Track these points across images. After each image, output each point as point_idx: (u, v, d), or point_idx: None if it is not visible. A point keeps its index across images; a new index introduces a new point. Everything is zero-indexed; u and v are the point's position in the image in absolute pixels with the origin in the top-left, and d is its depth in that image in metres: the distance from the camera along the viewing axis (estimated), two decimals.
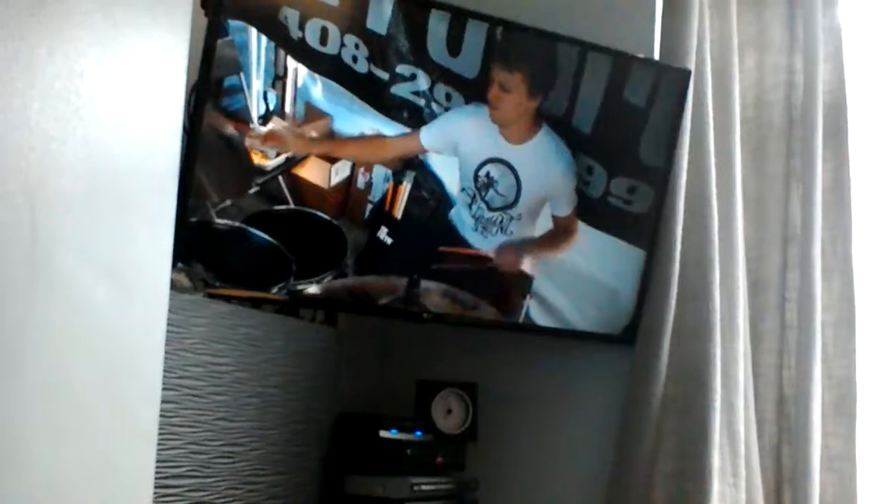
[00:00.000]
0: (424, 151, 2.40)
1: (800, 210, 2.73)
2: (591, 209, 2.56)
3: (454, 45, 2.37)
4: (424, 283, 2.44)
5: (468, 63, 2.39)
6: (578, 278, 2.58)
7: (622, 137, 2.57)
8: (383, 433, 2.41)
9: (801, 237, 2.71)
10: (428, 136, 2.39)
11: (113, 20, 1.36)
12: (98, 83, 1.33)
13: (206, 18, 2.09)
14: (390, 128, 2.36)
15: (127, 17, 1.38)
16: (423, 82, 2.36)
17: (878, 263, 2.80)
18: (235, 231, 2.20)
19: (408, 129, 2.38)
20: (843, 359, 2.71)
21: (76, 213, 1.30)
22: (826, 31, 2.75)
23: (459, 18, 2.37)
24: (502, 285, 2.54)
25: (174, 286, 1.82)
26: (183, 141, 1.56)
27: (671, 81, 2.57)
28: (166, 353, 1.53)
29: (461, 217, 2.46)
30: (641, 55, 2.60)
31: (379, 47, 2.31)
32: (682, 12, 2.64)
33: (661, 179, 2.58)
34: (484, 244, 2.49)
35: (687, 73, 2.58)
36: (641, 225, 2.60)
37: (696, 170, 2.60)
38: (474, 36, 2.38)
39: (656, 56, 2.67)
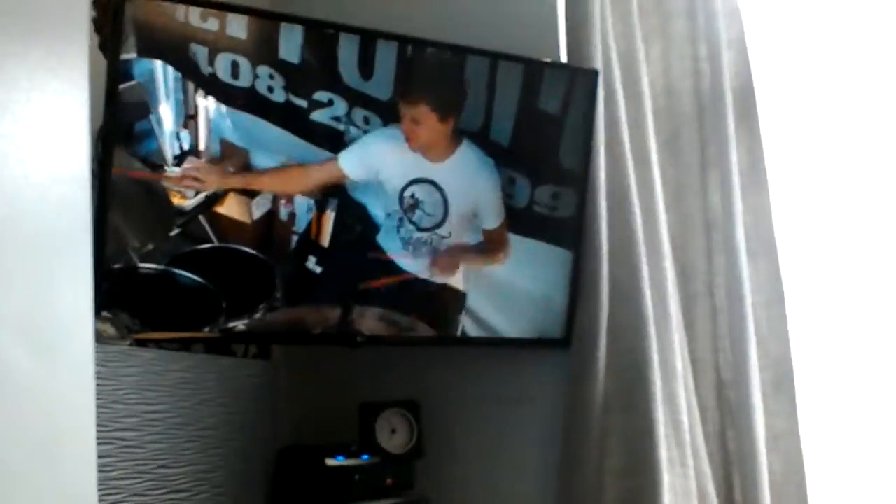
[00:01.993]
0: (345, 178, 2.38)
1: (719, 195, 2.75)
2: (518, 219, 2.55)
3: (366, 68, 2.36)
4: (358, 309, 2.41)
5: (381, 85, 2.38)
6: (510, 290, 2.57)
7: (541, 145, 2.57)
8: (329, 461, 2.38)
9: (722, 222, 2.73)
10: (347, 162, 2.37)
11: (8, 78, 1.33)
12: None
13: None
14: (314, 154, 2.34)
15: (21, 73, 1.35)
16: (340, 107, 2.35)
17: (802, 240, 2.83)
18: (161, 274, 2.17)
19: (330, 155, 2.35)
20: (777, 337, 2.73)
21: None
22: (727, 17, 2.77)
23: (368, 40, 2.36)
24: (437, 304, 2.53)
25: (99, 337, 1.79)
26: (94, 188, 1.53)
27: (582, 83, 2.57)
28: (98, 406, 1.50)
29: (389, 240, 2.45)
30: (548, 59, 2.60)
31: (294, 76, 2.29)
32: (583, 12, 2.64)
33: (582, 181, 2.58)
34: (415, 266, 2.48)
35: (594, 73, 2.59)
36: (568, 229, 2.60)
37: (614, 166, 2.61)
38: (385, 57, 2.37)
39: (563, 59, 2.67)
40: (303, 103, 2.32)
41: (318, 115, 2.34)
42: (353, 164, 2.37)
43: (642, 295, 2.56)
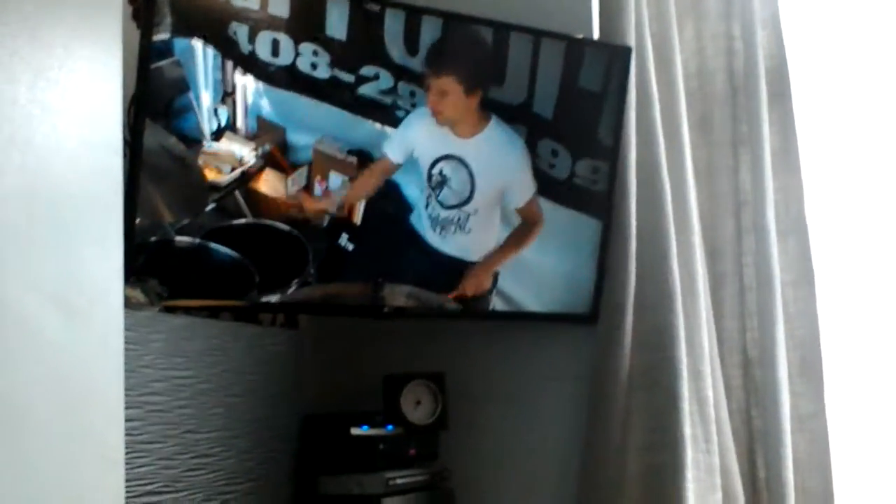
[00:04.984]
0: (396, 166, 2.41)
1: (750, 175, 2.75)
2: (556, 189, 2.56)
3: (411, 43, 2.37)
4: (389, 286, 2.44)
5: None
6: (540, 264, 2.58)
7: (582, 121, 2.56)
8: (354, 430, 2.40)
9: (753, 202, 2.73)
10: (390, 149, 2.40)
11: (41, 43, 1.34)
12: (31, 108, 1.32)
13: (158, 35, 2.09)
14: (360, 127, 2.36)
15: (55, 39, 1.37)
16: (386, 81, 2.36)
17: (833, 221, 2.82)
18: (196, 248, 2.20)
19: (381, 127, 2.38)
20: (805, 317, 2.74)
21: (19, 241, 1.29)
22: None
23: (413, 16, 2.37)
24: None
25: (129, 303, 1.81)
26: (125, 156, 1.55)
27: (618, 61, 2.56)
28: (126, 371, 1.52)
29: (421, 219, 2.47)
30: (581, 35, 2.59)
31: (341, 52, 2.31)
32: None
33: (613, 157, 2.58)
34: (444, 245, 2.49)
35: (628, 51, 2.58)
36: (604, 201, 2.60)
37: (645, 144, 2.60)
38: (429, 33, 2.38)
39: (596, 36, 2.66)
40: (350, 78, 2.34)
41: (366, 89, 2.36)
42: (395, 150, 2.41)
43: (670, 272, 2.55)
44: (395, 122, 2.39)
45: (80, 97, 1.42)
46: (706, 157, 2.79)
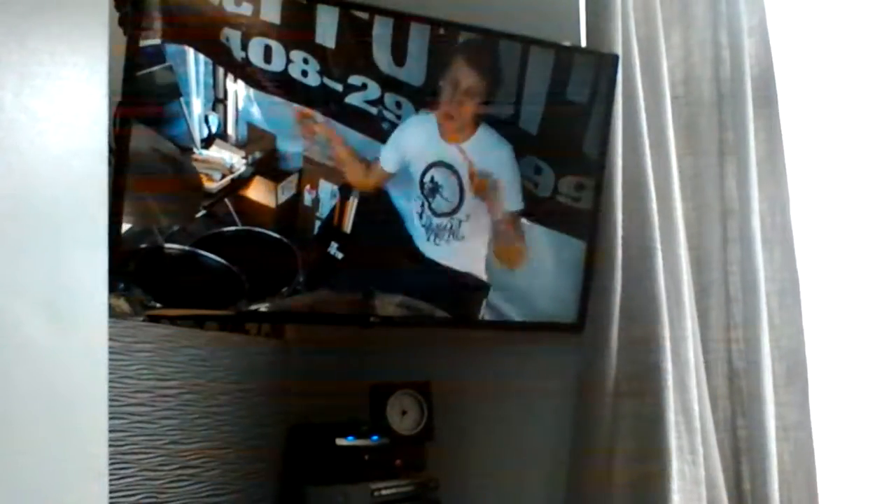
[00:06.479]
0: (389, 175, 2.41)
1: (736, 184, 2.75)
2: (539, 208, 2.55)
3: (399, 53, 2.37)
4: (380, 296, 2.42)
5: (414, 71, 2.39)
6: (525, 282, 2.58)
7: (567, 135, 2.56)
8: (340, 441, 2.39)
9: (739, 211, 2.73)
10: (385, 159, 2.40)
11: (28, 49, 1.33)
12: (17, 115, 1.30)
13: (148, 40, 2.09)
14: (349, 137, 2.36)
15: (42, 45, 1.35)
16: (373, 91, 2.36)
17: (818, 230, 2.83)
18: (186, 255, 2.18)
19: (365, 137, 2.37)
20: (791, 327, 2.74)
21: (4, 247, 1.27)
22: (749, 3, 2.77)
23: (401, 23, 2.36)
24: (459, 292, 2.54)
25: (113, 312, 1.79)
26: (110, 162, 1.54)
27: (605, 69, 2.56)
28: (110, 381, 1.50)
29: (413, 227, 2.46)
30: (567, 43, 2.59)
31: (330, 60, 2.31)
32: None
33: (600, 167, 2.57)
34: (437, 253, 2.48)
35: (615, 58, 2.57)
36: (587, 219, 2.59)
37: (631, 152, 2.59)
38: (418, 42, 2.38)
39: (583, 44, 2.66)
40: (338, 87, 2.33)
41: (353, 99, 2.35)
42: (389, 159, 2.41)
43: (656, 282, 2.55)
44: (379, 134, 2.38)
45: (66, 104, 1.40)
46: (692, 165, 2.79)
